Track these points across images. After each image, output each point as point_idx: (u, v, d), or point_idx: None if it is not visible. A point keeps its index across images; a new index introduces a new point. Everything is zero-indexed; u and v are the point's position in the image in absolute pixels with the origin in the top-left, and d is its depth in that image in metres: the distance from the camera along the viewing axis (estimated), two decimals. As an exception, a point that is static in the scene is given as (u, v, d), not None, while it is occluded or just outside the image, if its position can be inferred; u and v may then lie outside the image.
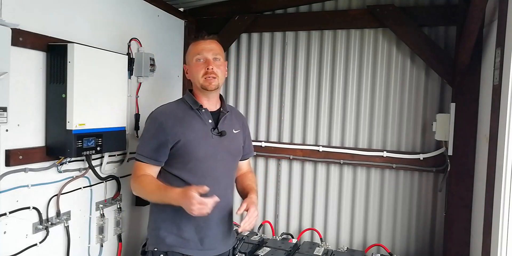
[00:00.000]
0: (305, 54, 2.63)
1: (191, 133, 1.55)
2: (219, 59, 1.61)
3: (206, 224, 1.56)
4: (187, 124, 1.56)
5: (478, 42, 1.97)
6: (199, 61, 1.58)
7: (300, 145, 2.62)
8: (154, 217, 1.62)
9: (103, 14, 1.93)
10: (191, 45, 1.64)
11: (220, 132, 1.60)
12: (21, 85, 1.51)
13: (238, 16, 2.65)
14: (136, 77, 2.10)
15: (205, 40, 1.62)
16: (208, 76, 1.56)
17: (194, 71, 1.59)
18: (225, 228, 1.65)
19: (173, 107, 1.63)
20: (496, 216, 1.46)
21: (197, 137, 1.55)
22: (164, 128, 1.53)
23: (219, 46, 1.65)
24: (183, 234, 1.55)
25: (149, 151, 1.55)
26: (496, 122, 1.52)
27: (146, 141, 1.57)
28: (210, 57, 1.58)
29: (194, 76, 1.60)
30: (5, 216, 1.46)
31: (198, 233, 1.56)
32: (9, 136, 1.46)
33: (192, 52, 1.62)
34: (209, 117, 1.61)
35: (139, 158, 1.56)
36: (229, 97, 2.85)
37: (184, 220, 1.53)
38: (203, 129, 1.58)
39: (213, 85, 1.58)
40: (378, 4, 2.37)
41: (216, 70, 1.57)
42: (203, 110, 1.60)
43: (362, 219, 2.53)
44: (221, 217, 1.61)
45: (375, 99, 2.48)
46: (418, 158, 2.34)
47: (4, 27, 1.31)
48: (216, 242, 1.61)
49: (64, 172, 1.71)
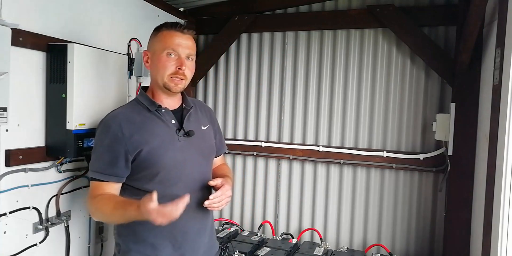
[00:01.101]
0: (305, 54, 2.63)
1: (153, 139, 1.33)
2: (192, 59, 1.41)
3: (185, 238, 1.38)
4: (147, 130, 1.34)
5: (478, 42, 1.97)
6: (170, 56, 1.35)
7: (300, 145, 2.62)
8: (122, 240, 1.39)
9: (103, 14, 1.93)
10: (165, 32, 1.38)
11: (187, 132, 1.39)
12: (21, 85, 1.51)
13: (238, 16, 2.65)
14: (136, 77, 2.10)
15: (183, 33, 1.38)
16: (177, 76, 1.35)
17: (160, 65, 1.35)
18: (206, 239, 1.47)
19: (127, 111, 1.39)
20: (496, 216, 1.46)
21: (161, 143, 1.34)
22: (120, 138, 1.30)
23: (194, 44, 1.42)
24: (159, 253, 1.35)
25: (105, 167, 1.31)
26: (496, 122, 1.52)
27: (99, 155, 1.33)
28: (184, 55, 1.36)
29: (159, 71, 1.36)
30: (5, 216, 1.46)
31: (176, 250, 1.37)
32: (9, 136, 1.46)
33: (164, 42, 1.36)
34: (171, 117, 1.40)
35: (94, 176, 1.32)
36: (229, 97, 2.85)
37: (159, 238, 1.35)
38: (166, 132, 1.37)
39: (179, 88, 1.38)
40: (378, 4, 2.37)
41: (187, 72, 1.37)
42: (163, 110, 1.39)
43: (362, 219, 2.53)
44: (200, 227, 1.44)
45: (375, 99, 2.48)
46: (418, 158, 2.34)
47: (4, 27, 1.31)
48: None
49: (64, 172, 1.71)
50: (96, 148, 1.36)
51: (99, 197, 1.30)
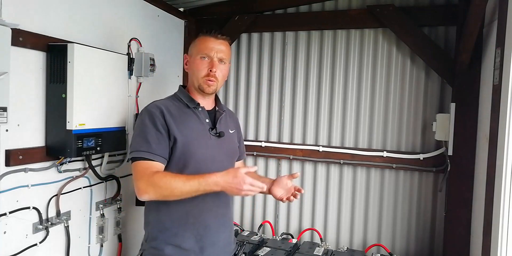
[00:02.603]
0: (305, 54, 2.63)
1: (188, 133, 1.44)
2: (225, 62, 1.53)
3: (206, 232, 1.48)
4: (183, 123, 1.45)
5: (478, 42, 1.97)
6: (204, 59, 1.48)
7: (300, 145, 2.62)
8: (150, 228, 1.51)
9: (103, 14, 1.93)
10: (201, 38, 1.52)
11: (219, 133, 1.52)
12: (21, 85, 1.50)
13: (238, 16, 2.65)
14: (136, 77, 2.10)
15: (217, 39, 1.51)
16: (209, 78, 1.47)
17: (195, 68, 1.49)
18: (225, 234, 1.57)
19: (168, 104, 1.49)
20: (496, 216, 1.46)
21: (195, 138, 1.45)
22: (162, 121, 1.41)
23: (228, 49, 1.56)
24: (182, 244, 1.45)
25: (154, 147, 1.37)
26: (496, 122, 1.52)
27: (146, 137, 1.39)
28: (217, 58, 1.49)
29: (194, 73, 1.50)
30: (5, 216, 1.46)
31: (198, 242, 1.46)
32: (9, 136, 1.46)
33: (200, 46, 1.50)
34: (206, 116, 1.52)
35: (143, 155, 1.36)
36: (229, 97, 2.85)
37: (183, 230, 1.45)
38: (200, 129, 1.48)
39: (211, 89, 1.50)
40: (378, 4, 2.37)
41: (218, 74, 1.49)
42: (200, 108, 1.51)
43: (362, 219, 2.53)
44: (221, 223, 1.54)
45: (375, 99, 2.48)
46: (418, 158, 2.34)
47: (4, 27, 1.31)
48: (217, 250, 1.51)
49: (64, 172, 1.71)
50: (141, 131, 1.41)
51: (159, 173, 1.35)
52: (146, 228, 1.54)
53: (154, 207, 1.49)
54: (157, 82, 2.33)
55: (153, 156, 1.37)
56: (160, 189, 1.33)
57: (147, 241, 1.51)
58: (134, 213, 2.22)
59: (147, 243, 1.51)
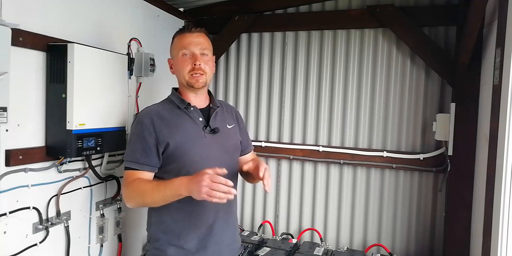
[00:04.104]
0: (305, 54, 2.63)
1: (181, 135, 1.43)
2: (207, 54, 1.50)
3: (209, 231, 1.46)
4: (175, 125, 1.45)
5: (478, 42, 1.97)
6: (185, 56, 1.47)
7: (300, 145, 2.62)
8: (152, 229, 1.51)
9: (103, 14, 1.93)
10: (176, 37, 1.51)
11: (213, 129, 1.49)
12: (21, 85, 1.50)
13: (238, 16, 2.65)
14: (136, 77, 2.10)
15: (192, 32, 1.48)
16: (195, 72, 1.45)
17: (179, 66, 1.48)
18: (229, 233, 1.55)
19: (159, 108, 1.50)
20: (496, 216, 1.46)
21: (189, 139, 1.44)
22: (151, 131, 1.41)
23: (207, 40, 1.53)
24: (185, 244, 1.44)
25: (139, 157, 1.41)
26: (496, 122, 1.52)
27: (134, 146, 1.43)
28: (198, 52, 1.46)
29: (180, 72, 1.48)
30: (5, 216, 1.45)
31: (201, 241, 1.45)
32: (9, 136, 1.46)
33: (178, 45, 1.49)
34: (199, 114, 1.50)
35: (129, 165, 1.42)
36: (229, 97, 2.85)
37: (186, 230, 1.44)
38: (194, 128, 1.47)
39: (200, 83, 1.47)
40: (378, 4, 2.37)
41: (204, 66, 1.46)
42: (192, 108, 1.49)
43: (362, 219, 2.53)
44: (225, 221, 1.51)
45: (375, 99, 2.48)
46: (418, 158, 2.34)
47: (4, 27, 1.31)
48: (221, 249, 1.50)
49: (64, 172, 1.71)
50: (131, 140, 1.46)
51: (136, 180, 1.38)
52: (149, 229, 1.54)
53: (156, 208, 1.48)
54: (157, 82, 2.33)
55: (139, 166, 1.41)
56: (135, 197, 1.39)
57: (150, 242, 1.51)
58: (134, 213, 2.22)
59: (150, 244, 1.51)
